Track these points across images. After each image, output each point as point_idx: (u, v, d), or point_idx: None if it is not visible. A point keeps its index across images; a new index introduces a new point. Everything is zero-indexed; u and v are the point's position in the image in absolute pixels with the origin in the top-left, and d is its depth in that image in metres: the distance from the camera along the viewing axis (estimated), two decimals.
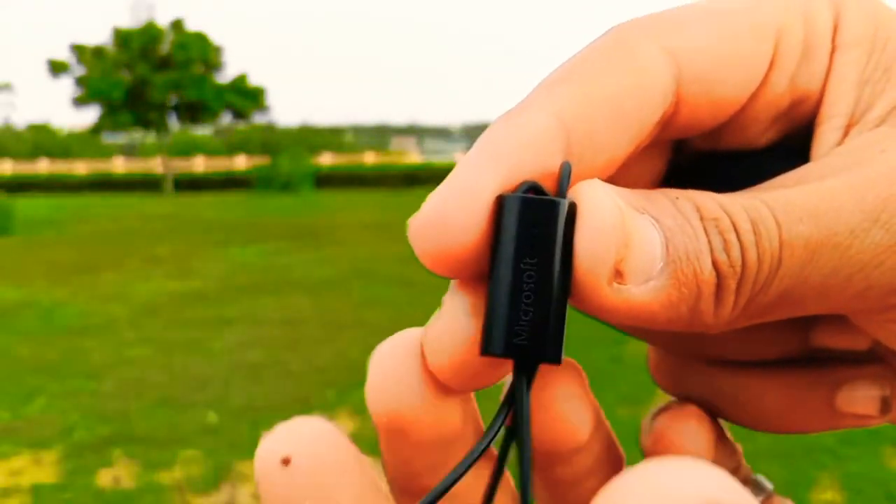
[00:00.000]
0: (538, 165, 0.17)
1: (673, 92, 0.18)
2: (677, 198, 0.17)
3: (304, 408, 3.55)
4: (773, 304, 0.17)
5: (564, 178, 0.17)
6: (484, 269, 0.18)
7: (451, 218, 0.18)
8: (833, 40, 0.19)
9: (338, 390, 3.77)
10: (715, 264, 0.16)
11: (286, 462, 0.18)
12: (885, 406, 0.21)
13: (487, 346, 0.18)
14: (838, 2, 0.20)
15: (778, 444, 2.88)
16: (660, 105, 0.18)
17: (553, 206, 0.17)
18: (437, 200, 0.18)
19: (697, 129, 0.20)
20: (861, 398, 0.21)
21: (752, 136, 0.21)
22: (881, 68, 0.19)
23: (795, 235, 0.17)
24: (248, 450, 3.10)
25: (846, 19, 0.19)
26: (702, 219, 0.17)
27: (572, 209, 0.17)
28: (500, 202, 0.17)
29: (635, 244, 0.16)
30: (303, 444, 0.18)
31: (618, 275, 0.16)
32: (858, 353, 0.22)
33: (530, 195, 0.17)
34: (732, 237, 0.16)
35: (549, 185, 0.18)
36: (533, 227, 0.17)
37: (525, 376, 0.18)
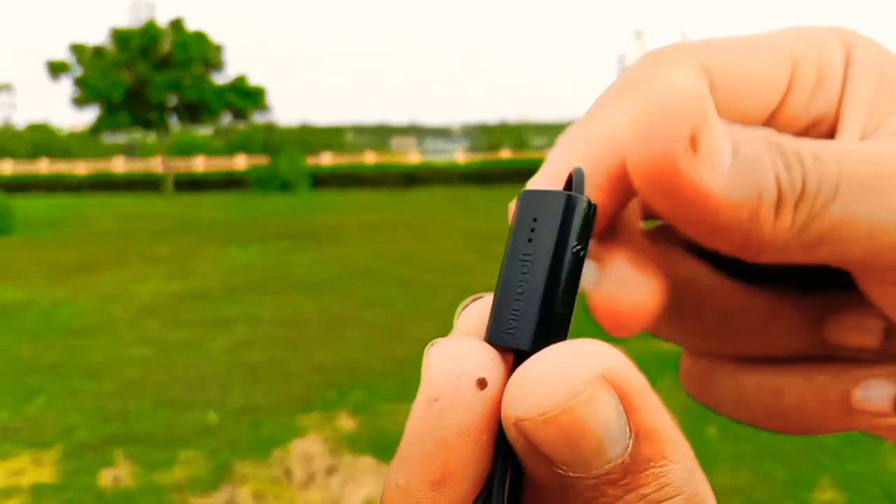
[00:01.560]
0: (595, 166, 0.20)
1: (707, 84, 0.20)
2: (743, 126, 0.18)
3: (305, 408, 3.55)
4: (824, 234, 0.18)
5: (577, 181, 0.18)
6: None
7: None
8: (845, 72, 0.21)
9: (338, 390, 3.77)
10: (777, 181, 0.17)
11: (482, 384, 0.17)
12: None
13: (489, 336, 0.18)
14: (849, 40, 0.22)
15: (778, 444, 2.88)
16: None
17: (552, 198, 0.17)
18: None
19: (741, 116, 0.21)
20: (876, 396, 0.22)
21: None
22: (888, 97, 0.21)
23: (853, 171, 0.18)
24: (249, 450, 3.11)
25: (856, 55, 0.22)
26: (766, 141, 0.18)
27: (572, 202, 0.17)
28: (520, 196, 0.18)
29: (710, 124, 0.17)
30: (492, 366, 0.18)
31: (692, 142, 0.17)
32: (871, 351, 0.23)
33: (533, 188, 0.18)
34: (794, 161, 0.18)
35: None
36: (532, 220, 0.17)
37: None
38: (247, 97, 25.19)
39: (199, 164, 27.46)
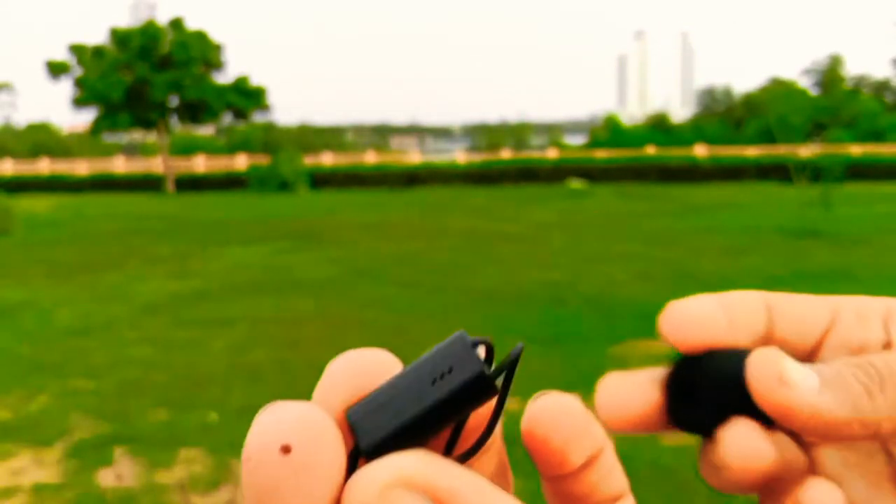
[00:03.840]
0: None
1: (769, 317, 0.24)
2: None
3: None
4: None
5: (514, 357, 0.20)
6: None
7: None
8: (886, 317, 0.25)
9: None
10: (864, 384, 0.21)
11: (286, 450, 0.18)
12: None
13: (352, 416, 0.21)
14: (889, 302, 0.25)
15: None
16: (762, 319, 0.24)
17: (470, 363, 0.20)
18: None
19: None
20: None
21: None
22: None
23: None
24: None
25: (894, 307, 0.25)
26: (843, 361, 0.22)
27: (481, 380, 0.19)
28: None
29: (793, 367, 0.21)
30: (302, 431, 0.19)
31: (781, 381, 0.21)
32: None
33: (464, 340, 0.21)
34: (869, 368, 0.21)
35: None
36: (449, 369, 0.21)
37: None
38: (247, 97, 25.19)
39: (200, 164, 27.46)
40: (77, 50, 24.14)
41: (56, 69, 24.01)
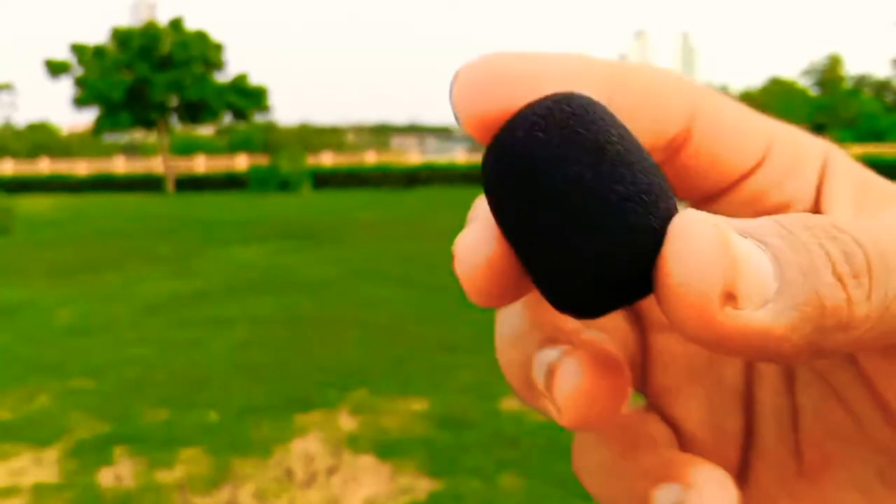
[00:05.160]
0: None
1: (687, 122, 0.19)
2: (780, 218, 0.16)
3: (305, 407, 3.55)
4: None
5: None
6: None
7: None
8: (823, 167, 0.21)
9: (338, 390, 3.77)
10: (838, 276, 0.15)
11: None
12: None
13: None
14: (827, 145, 0.21)
15: None
16: (676, 122, 0.19)
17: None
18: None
19: (693, 179, 0.20)
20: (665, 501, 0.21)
21: None
22: (872, 197, 0.21)
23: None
24: (249, 449, 3.11)
25: (834, 156, 0.21)
26: (811, 231, 0.15)
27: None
28: None
29: (743, 266, 0.15)
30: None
31: (729, 299, 0.15)
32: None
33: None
34: (853, 247, 0.15)
35: None
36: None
37: None
38: (247, 97, 25.20)
39: (200, 164, 27.46)
40: (78, 49, 24.15)
41: (56, 68, 24.02)
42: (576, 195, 0.15)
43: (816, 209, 0.20)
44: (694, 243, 0.15)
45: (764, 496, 0.21)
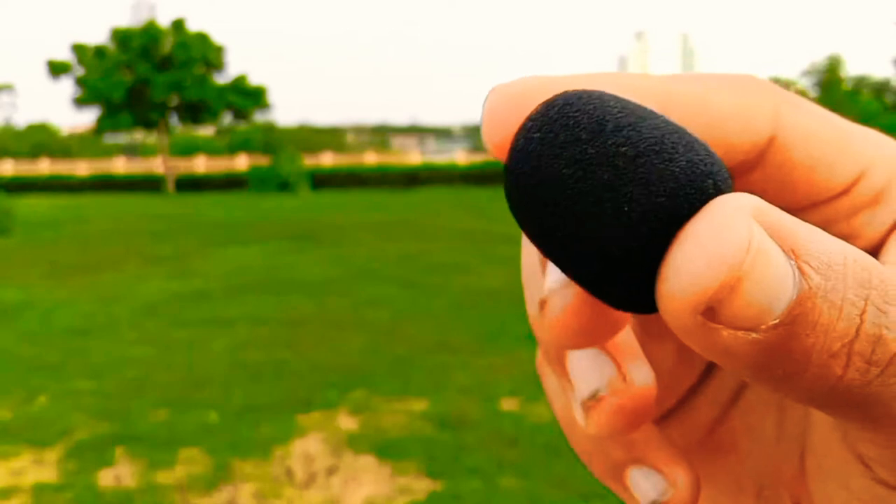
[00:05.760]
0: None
1: (767, 134, 0.18)
2: (846, 254, 0.14)
3: (305, 407, 3.55)
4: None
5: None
6: None
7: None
8: None
9: (338, 390, 3.77)
10: (849, 353, 0.14)
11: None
12: None
13: None
14: None
15: None
16: (752, 136, 0.18)
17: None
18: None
19: (779, 192, 0.19)
20: (643, 485, 0.21)
21: None
22: None
23: None
24: (249, 449, 3.11)
25: None
26: (863, 291, 0.14)
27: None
28: None
29: (748, 289, 0.13)
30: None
31: (708, 312, 0.13)
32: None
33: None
34: (888, 334, 0.14)
35: None
36: None
37: None
38: (248, 97, 25.20)
39: (200, 165, 27.46)
40: (78, 50, 24.15)
41: (57, 69, 24.02)
42: (582, 173, 0.14)
43: (875, 249, 0.18)
44: (705, 237, 0.13)
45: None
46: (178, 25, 24.50)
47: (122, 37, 24.11)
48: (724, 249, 0.13)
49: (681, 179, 0.14)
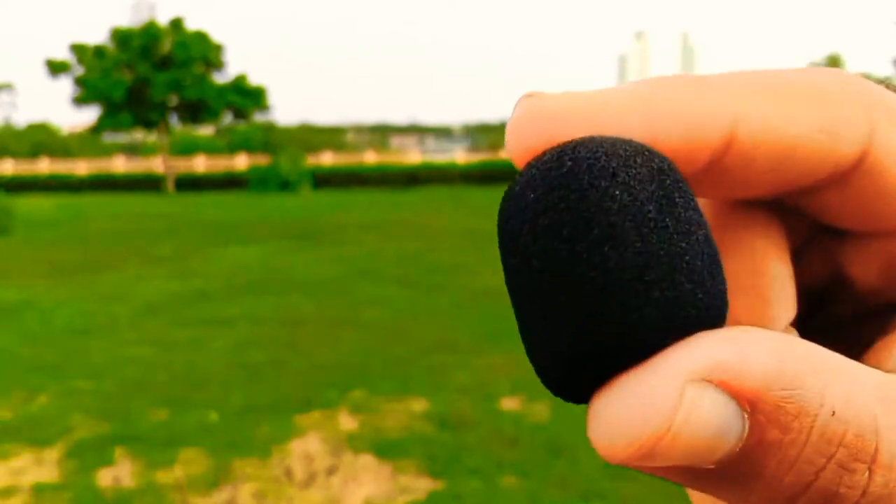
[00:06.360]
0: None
1: (859, 150, 0.16)
2: (824, 403, 0.13)
3: (304, 407, 3.55)
4: None
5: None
6: None
7: None
8: None
9: (338, 390, 3.77)
10: (809, 486, 0.13)
11: None
12: None
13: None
14: None
15: None
16: (845, 152, 0.16)
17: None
18: None
19: (859, 215, 0.17)
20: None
21: None
22: None
23: None
24: (249, 449, 3.11)
25: None
26: (834, 443, 0.13)
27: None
28: None
29: (677, 444, 0.13)
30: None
31: (641, 454, 0.13)
32: None
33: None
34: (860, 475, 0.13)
35: None
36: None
37: None
38: (247, 97, 25.19)
39: (200, 164, 27.46)
40: (78, 49, 24.14)
41: (56, 68, 24.01)
42: (546, 274, 0.13)
43: None
44: (637, 398, 0.13)
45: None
46: (178, 24, 24.49)
47: (121, 36, 24.11)
48: (645, 412, 0.13)
49: (631, 328, 0.13)
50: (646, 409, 0.13)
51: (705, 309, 0.13)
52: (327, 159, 27.97)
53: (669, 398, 0.13)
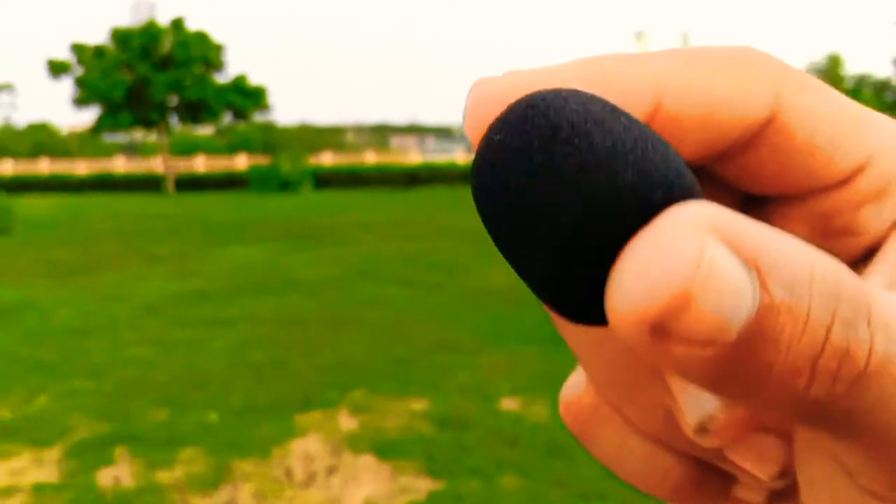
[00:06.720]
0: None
1: (765, 114, 0.17)
2: (814, 265, 0.13)
3: (304, 407, 3.55)
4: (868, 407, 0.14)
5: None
6: None
7: None
8: None
9: (338, 390, 3.77)
10: (824, 346, 0.13)
11: None
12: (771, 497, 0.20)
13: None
14: None
15: None
16: (748, 115, 0.17)
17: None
18: None
19: (776, 176, 0.18)
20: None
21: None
22: None
23: None
24: (249, 449, 3.11)
25: None
26: (832, 300, 0.13)
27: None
28: None
29: (700, 306, 0.12)
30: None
31: (658, 328, 0.12)
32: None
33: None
34: (862, 324, 0.13)
35: None
36: None
37: None
38: (247, 97, 25.21)
39: (200, 164, 27.48)
40: (78, 49, 24.15)
41: (57, 68, 24.02)
42: (527, 184, 0.14)
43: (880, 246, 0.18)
44: (658, 251, 0.12)
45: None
46: (178, 24, 24.51)
47: (121, 36, 24.12)
48: (670, 266, 0.12)
49: (624, 194, 0.14)
50: (669, 261, 0.12)
51: (677, 176, 0.14)
52: (327, 159, 27.99)
53: (690, 251, 0.12)
